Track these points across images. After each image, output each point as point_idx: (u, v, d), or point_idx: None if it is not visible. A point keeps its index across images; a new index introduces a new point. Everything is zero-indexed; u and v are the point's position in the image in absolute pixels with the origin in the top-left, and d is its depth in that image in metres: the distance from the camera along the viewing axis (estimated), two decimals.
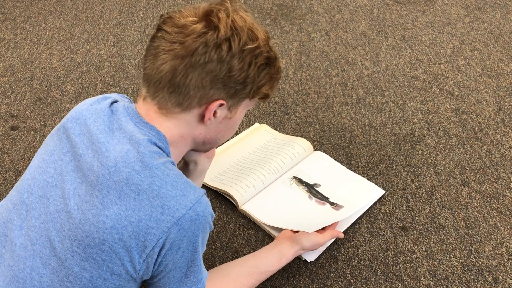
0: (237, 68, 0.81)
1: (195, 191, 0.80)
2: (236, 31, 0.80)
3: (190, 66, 0.79)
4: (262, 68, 0.85)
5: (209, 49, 0.79)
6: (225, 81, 0.81)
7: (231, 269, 1.02)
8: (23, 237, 0.81)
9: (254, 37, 0.82)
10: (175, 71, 0.80)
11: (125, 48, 1.93)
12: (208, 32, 0.79)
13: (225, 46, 0.79)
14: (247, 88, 0.84)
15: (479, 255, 1.19)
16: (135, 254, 0.77)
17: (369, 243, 1.22)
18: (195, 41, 0.79)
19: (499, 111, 1.62)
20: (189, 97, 0.82)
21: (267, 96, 0.90)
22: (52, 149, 0.86)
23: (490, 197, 1.33)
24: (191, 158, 1.04)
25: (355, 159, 1.44)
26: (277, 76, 0.90)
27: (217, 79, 0.81)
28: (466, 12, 2.15)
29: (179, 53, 0.79)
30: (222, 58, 0.80)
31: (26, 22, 2.09)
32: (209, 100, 0.83)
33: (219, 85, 0.82)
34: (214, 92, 0.82)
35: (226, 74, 0.81)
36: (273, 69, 0.88)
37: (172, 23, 0.82)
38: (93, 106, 0.88)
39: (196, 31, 0.79)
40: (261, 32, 0.84)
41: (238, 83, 0.83)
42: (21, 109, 1.63)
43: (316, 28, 2.04)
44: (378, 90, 1.71)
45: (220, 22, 0.79)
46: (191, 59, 0.79)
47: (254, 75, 0.83)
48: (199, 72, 0.80)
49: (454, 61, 1.86)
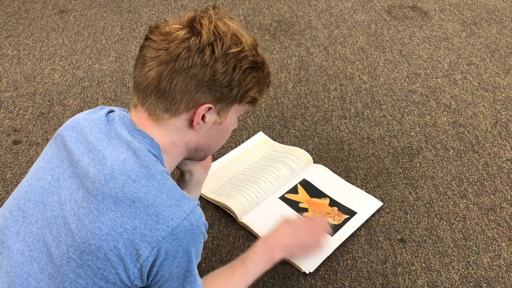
0: (221, 71, 0.82)
1: (189, 202, 0.81)
2: (219, 36, 0.82)
3: (175, 71, 0.81)
4: (248, 72, 0.86)
5: (192, 54, 0.81)
6: (209, 84, 0.83)
7: (220, 272, 1.03)
8: (20, 243, 0.81)
9: (238, 42, 0.84)
10: (160, 77, 0.82)
11: (126, 63, 1.95)
12: (191, 37, 0.81)
13: (207, 51, 0.81)
14: (233, 92, 0.86)
15: (477, 267, 1.20)
16: (129, 263, 0.77)
17: (368, 255, 1.22)
18: (178, 46, 0.81)
19: (496, 124, 1.64)
20: (175, 102, 0.83)
21: (255, 100, 0.91)
22: (49, 157, 0.87)
23: (488, 209, 1.34)
24: (186, 168, 1.05)
25: (353, 172, 1.46)
26: (266, 80, 0.91)
27: (202, 83, 0.82)
28: (462, 27, 2.18)
29: (164, 58, 0.82)
30: (206, 62, 0.81)
31: (29, 39, 2.12)
32: (196, 104, 0.84)
33: (204, 88, 0.83)
34: (200, 96, 0.83)
35: (210, 77, 0.82)
36: (261, 73, 0.89)
37: (158, 32, 0.84)
38: (90, 115, 0.89)
39: (179, 37, 0.81)
40: (246, 38, 0.86)
41: (223, 86, 0.84)
42: (23, 124, 1.65)
43: (314, 43, 2.07)
44: (376, 104, 1.73)
45: (202, 28, 0.82)
46: (175, 64, 0.81)
47: (240, 79, 0.85)
48: (184, 77, 0.82)
49: (451, 75, 1.88)
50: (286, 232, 1.12)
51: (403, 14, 2.29)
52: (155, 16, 2.28)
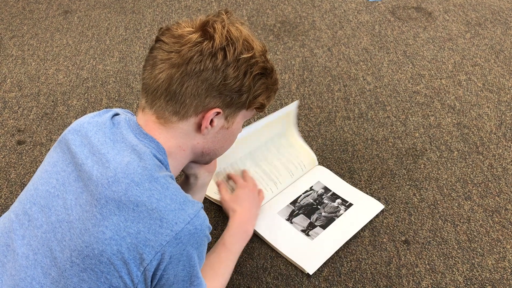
0: (232, 76, 0.82)
1: (193, 205, 0.81)
2: (231, 41, 0.82)
3: (186, 74, 0.81)
4: (258, 78, 0.86)
5: (204, 58, 0.81)
6: (220, 89, 0.83)
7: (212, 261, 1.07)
8: (25, 247, 0.81)
9: (250, 47, 0.84)
10: (171, 79, 0.82)
11: (130, 64, 1.96)
12: (204, 41, 0.81)
13: (220, 55, 0.81)
14: (243, 97, 0.86)
15: (481, 269, 1.19)
16: (133, 266, 0.77)
17: (372, 256, 1.22)
18: (190, 50, 0.81)
19: (501, 126, 1.63)
20: (185, 105, 0.83)
21: (263, 106, 0.91)
22: (55, 161, 0.87)
23: (492, 211, 1.34)
24: (191, 171, 1.05)
25: (357, 173, 1.45)
26: (274, 87, 0.91)
27: (212, 87, 0.82)
28: (467, 28, 2.17)
29: (175, 61, 0.81)
30: (217, 66, 0.81)
31: (33, 39, 2.13)
32: (205, 109, 0.84)
33: (214, 93, 0.83)
34: (210, 101, 0.83)
35: (221, 82, 0.82)
36: (270, 80, 0.89)
37: (169, 34, 0.84)
38: (95, 119, 0.89)
39: (192, 40, 0.81)
40: (257, 44, 0.86)
41: (234, 91, 0.84)
42: (27, 124, 1.65)
43: (318, 44, 2.07)
44: (380, 105, 1.73)
45: (215, 32, 0.81)
46: (187, 68, 0.81)
47: (250, 84, 0.85)
48: (195, 81, 0.82)
49: (455, 76, 1.87)
50: (244, 205, 1.20)
51: (407, 15, 2.28)
52: (159, 17, 2.28)
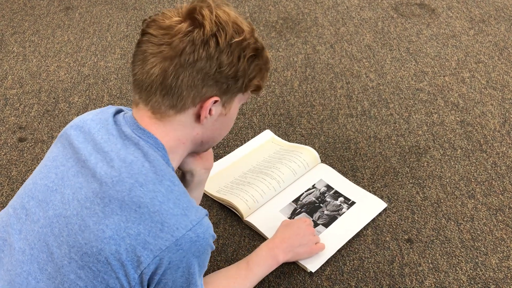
0: (226, 63, 0.81)
1: (197, 212, 0.79)
2: (221, 26, 0.80)
3: (180, 66, 0.79)
4: (251, 60, 0.84)
5: (197, 47, 0.79)
6: (216, 77, 0.81)
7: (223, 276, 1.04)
8: (21, 241, 0.80)
9: (240, 30, 0.82)
10: (165, 73, 0.80)
11: (132, 60, 1.94)
12: (194, 30, 0.79)
13: (212, 42, 0.79)
14: (239, 82, 0.84)
15: (485, 268, 1.18)
16: (130, 268, 0.76)
17: (375, 255, 1.21)
18: (182, 40, 0.79)
19: (505, 123, 1.62)
20: (182, 98, 0.81)
21: (259, 88, 0.90)
22: (55, 155, 0.86)
23: (496, 209, 1.33)
24: (187, 168, 1.03)
25: (360, 171, 1.45)
26: (266, 66, 0.90)
27: (208, 76, 0.81)
28: (470, 25, 2.16)
29: (168, 54, 0.79)
30: (211, 54, 0.80)
31: (34, 35, 2.12)
32: (203, 98, 0.83)
33: (211, 82, 0.81)
34: (207, 90, 0.82)
35: (216, 70, 0.81)
36: (262, 60, 0.87)
37: (156, 26, 0.82)
38: (98, 116, 0.88)
39: (182, 30, 0.79)
40: (245, 24, 0.84)
41: (230, 78, 0.83)
42: (29, 121, 1.65)
43: (321, 41, 2.05)
44: (383, 102, 1.72)
45: (204, 19, 0.79)
46: (180, 59, 0.79)
47: (244, 68, 0.83)
48: (190, 72, 0.80)
49: (459, 73, 1.86)
50: (285, 233, 1.15)
51: (410, 11, 2.27)
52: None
